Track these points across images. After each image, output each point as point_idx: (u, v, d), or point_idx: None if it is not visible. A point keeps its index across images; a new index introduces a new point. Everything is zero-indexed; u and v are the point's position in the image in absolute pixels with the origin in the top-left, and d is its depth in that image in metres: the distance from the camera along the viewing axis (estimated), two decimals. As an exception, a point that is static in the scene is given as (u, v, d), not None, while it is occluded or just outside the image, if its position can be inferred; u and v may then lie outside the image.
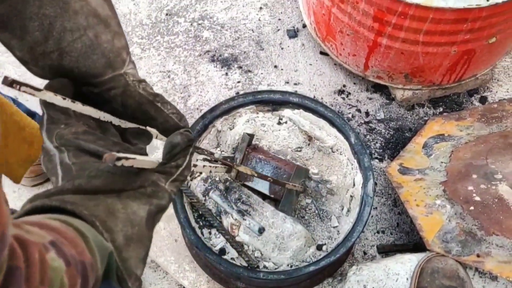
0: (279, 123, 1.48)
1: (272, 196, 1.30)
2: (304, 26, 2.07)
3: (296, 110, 1.46)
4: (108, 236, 0.53)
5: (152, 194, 0.60)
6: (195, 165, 0.80)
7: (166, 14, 2.11)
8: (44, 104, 0.61)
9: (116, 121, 0.69)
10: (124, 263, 0.54)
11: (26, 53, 0.62)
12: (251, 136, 1.35)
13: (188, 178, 1.41)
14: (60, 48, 0.61)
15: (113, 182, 0.58)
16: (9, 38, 0.61)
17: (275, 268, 1.30)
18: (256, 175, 1.19)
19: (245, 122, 1.46)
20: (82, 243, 0.49)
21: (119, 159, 0.54)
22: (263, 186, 1.29)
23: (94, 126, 0.66)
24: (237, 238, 1.32)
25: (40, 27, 0.59)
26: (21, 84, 0.56)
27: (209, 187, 1.37)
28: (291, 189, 1.27)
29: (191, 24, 2.09)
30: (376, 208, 1.70)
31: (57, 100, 0.60)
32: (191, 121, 1.82)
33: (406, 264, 1.31)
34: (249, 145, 1.35)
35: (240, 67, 1.99)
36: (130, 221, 0.56)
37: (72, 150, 0.59)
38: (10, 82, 0.55)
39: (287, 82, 1.96)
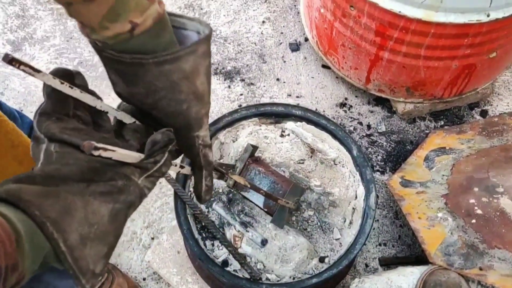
0: (281, 136, 1.49)
1: (265, 210, 1.30)
2: (306, 39, 2.09)
3: (298, 123, 1.47)
4: (59, 236, 0.53)
5: (122, 187, 0.61)
6: (182, 167, 0.80)
7: (170, 27, 2.13)
8: (47, 93, 0.64)
9: (113, 112, 0.71)
10: (76, 262, 0.55)
11: (125, 95, 0.70)
12: (255, 147, 1.36)
13: (191, 192, 1.42)
14: (155, 106, 0.69)
15: (83, 172, 0.59)
16: (117, 81, 0.69)
17: (278, 280, 1.31)
18: (249, 186, 1.20)
19: (248, 134, 1.47)
20: (13, 244, 0.49)
21: (97, 148, 0.55)
22: (258, 199, 1.29)
23: (88, 121, 0.68)
24: (240, 250, 1.32)
25: (147, 90, 0.67)
26: (21, 63, 0.57)
27: (212, 199, 1.38)
28: (284, 206, 1.27)
29: (195, 37, 2.11)
30: (378, 220, 1.71)
31: (55, 83, 0.62)
32: (194, 133, 1.83)
33: (409, 277, 1.32)
34: (252, 156, 1.35)
35: (242, 80, 2.01)
36: (88, 220, 0.56)
37: (59, 142, 0.61)
38: (10, 60, 0.55)
39: (289, 95, 1.98)
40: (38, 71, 0.59)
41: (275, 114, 1.48)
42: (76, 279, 0.55)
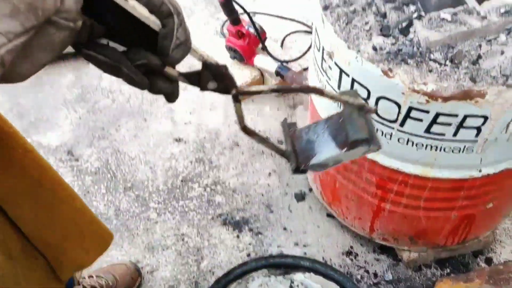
0: (291, 287, 1.52)
1: (345, 149, 0.86)
2: (311, 190, 2.20)
3: (307, 274, 1.51)
4: None
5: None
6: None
7: (181, 181, 2.25)
8: None
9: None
10: None
11: None
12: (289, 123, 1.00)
13: None
14: None
15: None
16: None
17: None
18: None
19: (258, 286, 1.50)
20: None
21: None
22: (328, 150, 0.92)
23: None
24: None
25: None
26: None
27: None
28: (350, 113, 0.85)
29: (205, 189, 2.23)
30: None
31: None
32: (205, 284, 1.86)
33: None
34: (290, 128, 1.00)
35: (251, 230, 2.07)
36: None
37: None
38: None
39: (296, 244, 2.03)
40: None
41: (284, 265, 1.52)
42: None
